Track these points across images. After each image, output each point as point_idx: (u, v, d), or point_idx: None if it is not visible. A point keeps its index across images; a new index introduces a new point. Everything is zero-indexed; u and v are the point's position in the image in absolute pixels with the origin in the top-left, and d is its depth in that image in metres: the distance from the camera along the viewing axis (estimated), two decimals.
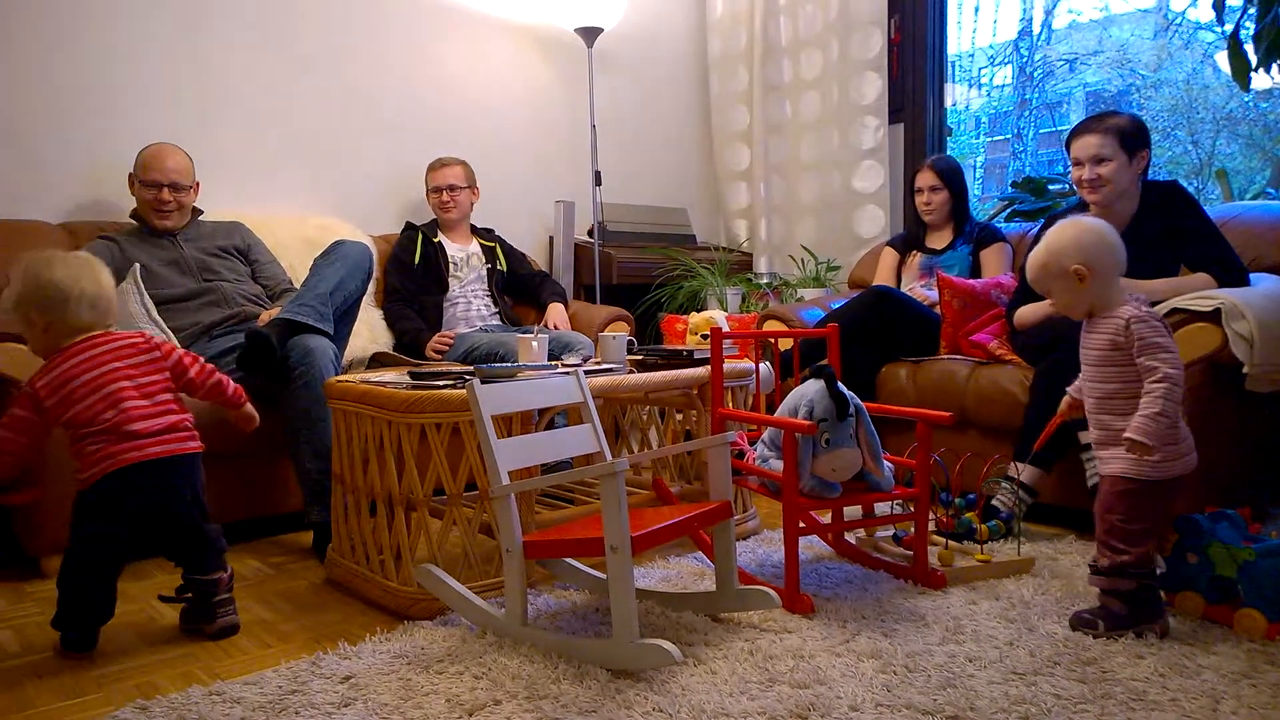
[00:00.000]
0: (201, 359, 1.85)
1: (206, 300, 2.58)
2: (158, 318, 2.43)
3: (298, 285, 2.57)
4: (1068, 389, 1.84)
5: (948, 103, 4.05)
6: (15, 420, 1.66)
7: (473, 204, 3.38)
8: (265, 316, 2.52)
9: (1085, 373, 1.73)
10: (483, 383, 1.68)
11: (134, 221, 2.69)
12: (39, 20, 2.76)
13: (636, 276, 3.92)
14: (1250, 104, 4.51)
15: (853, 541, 2.20)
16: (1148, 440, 1.57)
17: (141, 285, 2.45)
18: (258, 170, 3.21)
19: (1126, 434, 1.59)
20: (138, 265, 2.49)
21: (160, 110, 2.98)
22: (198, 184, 2.73)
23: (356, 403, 1.92)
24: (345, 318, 2.49)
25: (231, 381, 1.89)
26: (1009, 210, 3.83)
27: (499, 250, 3.41)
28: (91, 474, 1.65)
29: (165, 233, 2.65)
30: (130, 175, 2.67)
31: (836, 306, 3.02)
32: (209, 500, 1.79)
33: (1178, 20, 4.89)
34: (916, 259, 3.21)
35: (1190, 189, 2.45)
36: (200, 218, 2.77)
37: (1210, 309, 2.07)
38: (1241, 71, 2.19)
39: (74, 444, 1.67)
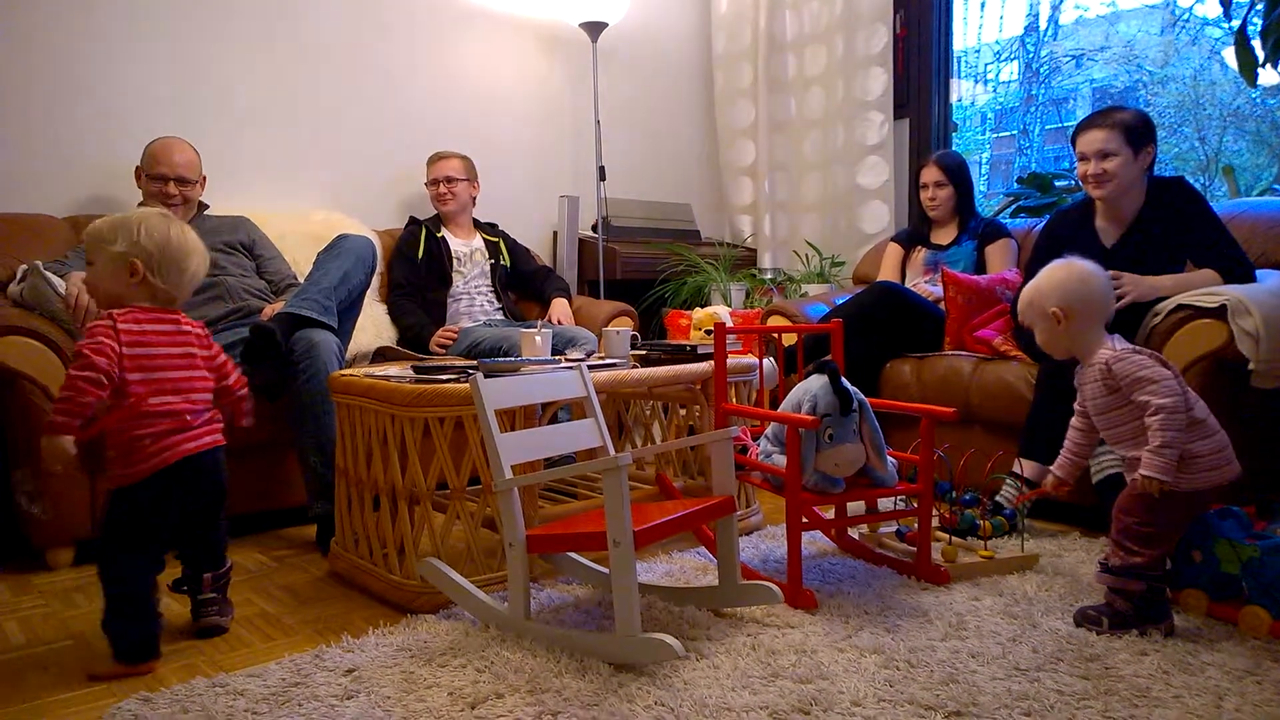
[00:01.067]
0: (241, 369, 1.83)
1: (211, 295, 2.58)
2: None
3: (301, 280, 2.57)
4: (1052, 468, 1.85)
5: (953, 98, 4.03)
6: (104, 348, 1.55)
7: (473, 197, 3.38)
8: (269, 310, 2.52)
9: (1096, 421, 1.75)
10: (486, 377, 1.68)
11: None
12: (43, 15, 2.76)
13: (640, 272, 3.92)
14: (1257, 100, 4.49)
15: (856, 537, 2.20)
16: (1162, 476, 1.59)
17: None
18: (262, 165, 3.21)
19: (1141, 472, 1.61)
20: None
21: (165, 104, 2.99)
22: (204, 178, 2.74)
23: (360, 397, 1.93)
24: (349, 312, 2.49)
25: (251, 402, 1.84)
26: (1014, 206, 3.82)
27: (503, 245, 3.41)
28: (146, 466, 1.57)
29: None
30: (137, 169, 2.67)
31: (841, 302, 3.02)
32: None
33: (1185, 16, 4.86)
34: (921, 254, 3.20)
35: (1197, 185, 2.44)
36: (206, 212, 2.78)
37: (1216, 305, 2.06)
38: (1249, 67, 2.18)
39: (127, 425, 1.57)
